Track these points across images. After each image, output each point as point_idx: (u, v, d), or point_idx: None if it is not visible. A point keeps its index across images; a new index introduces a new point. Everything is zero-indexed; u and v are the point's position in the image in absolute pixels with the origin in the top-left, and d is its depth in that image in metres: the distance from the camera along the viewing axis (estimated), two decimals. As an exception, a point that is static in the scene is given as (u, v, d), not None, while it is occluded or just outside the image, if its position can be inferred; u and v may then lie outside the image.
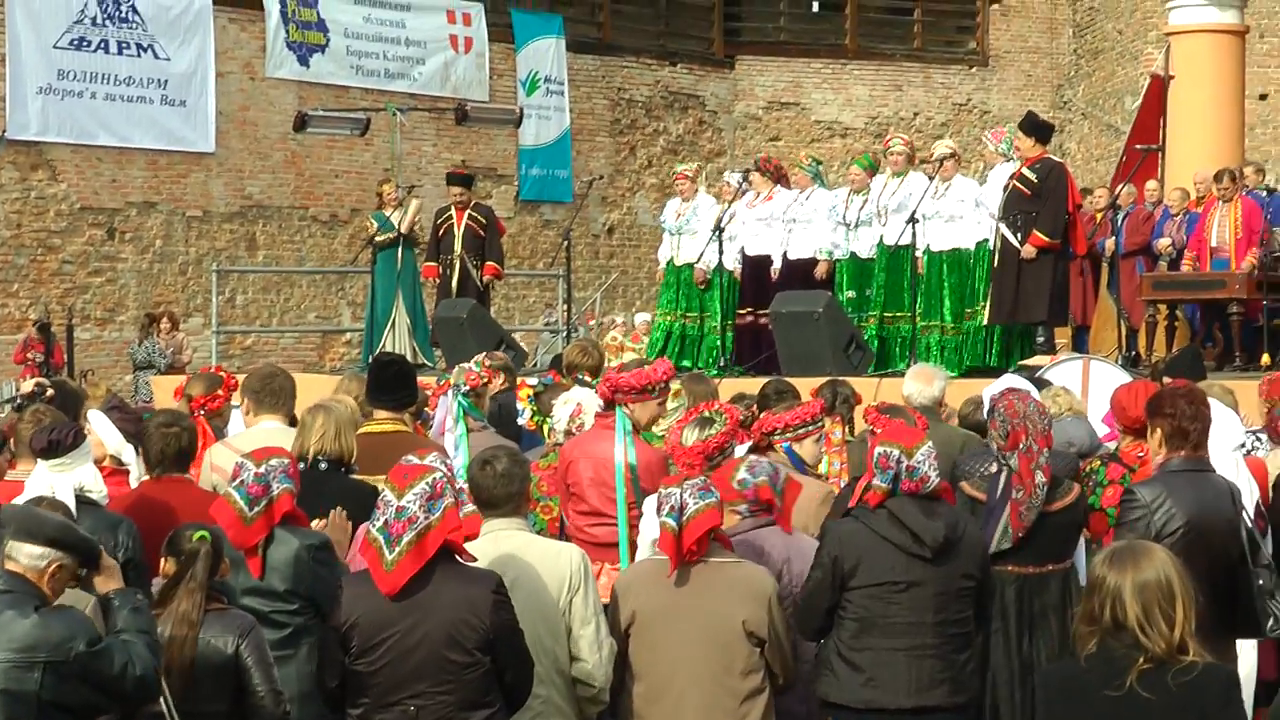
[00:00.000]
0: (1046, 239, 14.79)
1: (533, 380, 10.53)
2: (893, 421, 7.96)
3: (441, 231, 18.38)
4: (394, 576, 5.79)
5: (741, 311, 16.93)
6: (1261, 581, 6.99)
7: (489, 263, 18.44)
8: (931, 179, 15.74)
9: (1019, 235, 14.84)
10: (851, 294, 16.28)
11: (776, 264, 16.69)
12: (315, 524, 6.90)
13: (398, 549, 5.79)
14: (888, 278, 15.91)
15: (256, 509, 6.40)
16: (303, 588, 6.43)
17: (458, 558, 5.91)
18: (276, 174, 25.62)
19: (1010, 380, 8.99)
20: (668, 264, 17.52)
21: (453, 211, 18.38)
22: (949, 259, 15.65)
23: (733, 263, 16.87)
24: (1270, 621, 7.00)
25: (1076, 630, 5.03)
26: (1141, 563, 4.94)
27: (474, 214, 18.46)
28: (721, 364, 16.46)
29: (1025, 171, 14.95)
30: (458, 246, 18.20)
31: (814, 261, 16.55)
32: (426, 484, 5.85)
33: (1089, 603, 4.99)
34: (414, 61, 27.08)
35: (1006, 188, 15.00)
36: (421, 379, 10.26)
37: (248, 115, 25.22)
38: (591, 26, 30.41)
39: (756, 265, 16.81)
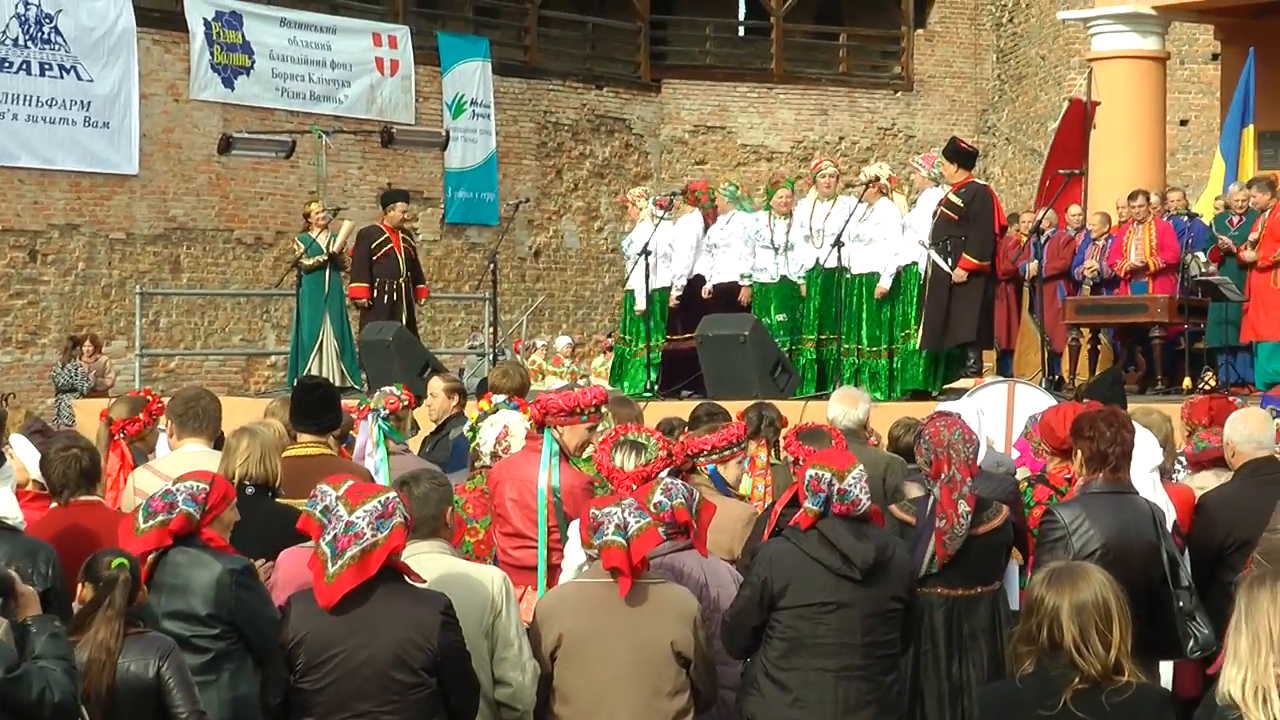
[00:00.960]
0: (976, 261, 14.98)
1: (499, 399, 10.51)
2: (804, 448, 8.01)
3: (381, 254, 18.18)
4: (332, 590, 5.79)
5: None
6: (1182, 603, 7.04)
7: (420, 285, 18.44)
8: (860, 202, 15.86)
9: (949, 260, 14.98)
10: (782, 317, 16.38)
11: (708, 287, 16.80)
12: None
13: (340, 563, 5.80)
14: (823, 300, 16.00)
15: (151, 522, 6.36)
16: (224, 612, 6.38)
17: (406, 579, 5.91)
18: (201, 196, 25.49)
19: (949, 404, 9.06)
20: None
21: (387, 234, 18.23)
22: (867, 282, 15.77)
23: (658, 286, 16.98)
24: (1191, 642, 7.05)
25: (1014, 650, 5.07)
26: (1080, 584, 4.98)
27: (406, 237, 18.46)
28: (647, 386, 16.49)
29: (951, 197, 15.12)
30: (403, 269, 18.14)
31: (737, 285, 16.65)
32: (379, 503, 5.87)
33: (1026, 623, 5.03)
34: (339, 84, 27.02)
35: (935, 213, 15.16)
36: (347, 402, 10.24)
37: (172, 137, 25.09)
38: (518, 50, 30.43)
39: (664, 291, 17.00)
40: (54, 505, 7.43)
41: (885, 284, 15.64)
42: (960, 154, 15.54)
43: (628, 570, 6.34)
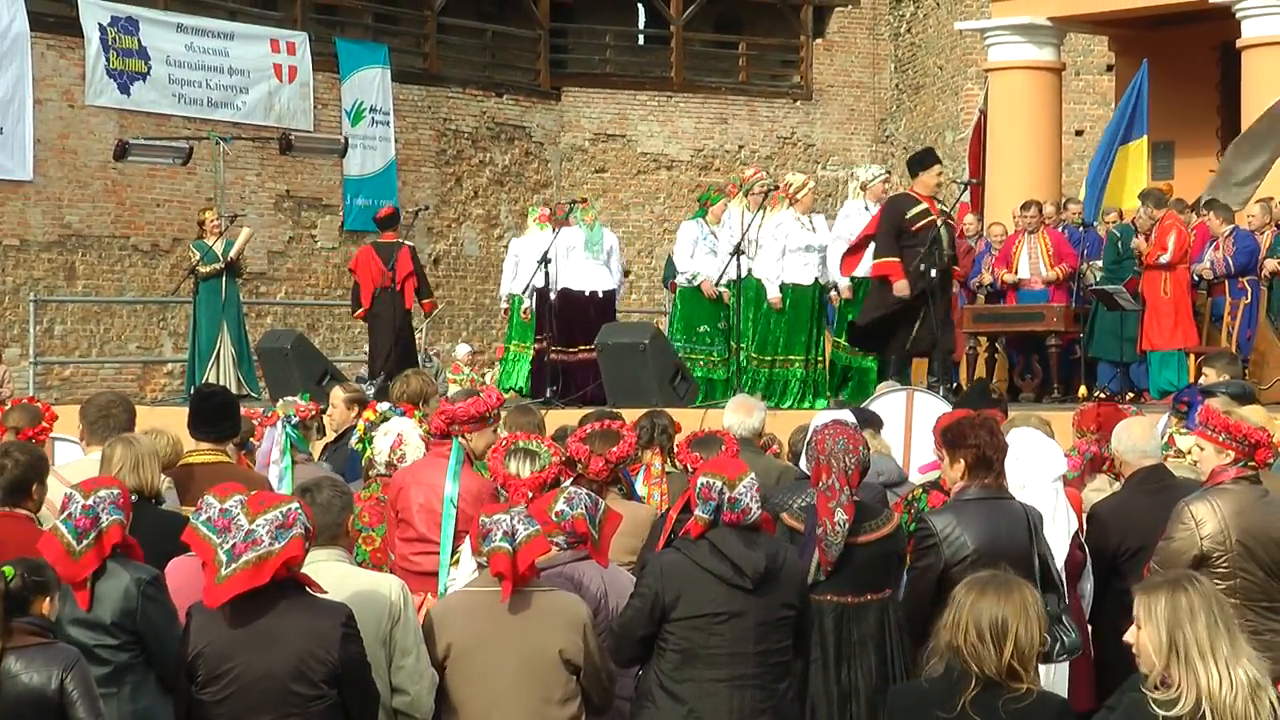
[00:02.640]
0: (962, 272, 15.44)
1: (383, 406, 10.53)
2: (694, 456, 8.06)
3: None
4: (221, 590, 5.77)
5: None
6: (1048, 606, 7.10)
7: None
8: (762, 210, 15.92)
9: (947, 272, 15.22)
10: (705, 327, 16.46)
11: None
12: None
13: (233, 566, 5.77)
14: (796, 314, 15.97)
15: (85, 542, 6.31)
16: (130, 622, 6.34)
17: (308, 590, 5.89)
18: (96, 203, 25.24)
19: (837, 413, 9.10)
20: None
21: None
22: (813, 291, 15.91)
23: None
24: (1057, 645, 7.11)
25: (929, 652, 5.14)
26: (987, 590, 5.09)
27: None
28: (548, 394, 16.50)
29: (942, 209, 15.13)
30: None
31: (568, 293, 16.87)
32: (280, 513, 5.86)
33: (939, 627, 5.14)
34: (237, 90, 26.82)
35: (930, 225, 14.92)
36: (249, 409, 10.21)
37: (67, 143, 24.82)
38: (417, 57, 30.35)
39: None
40: None
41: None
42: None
43: (511, 576, 6.35)
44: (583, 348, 16.75)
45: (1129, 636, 5.08)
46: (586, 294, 17.14)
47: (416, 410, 10.53)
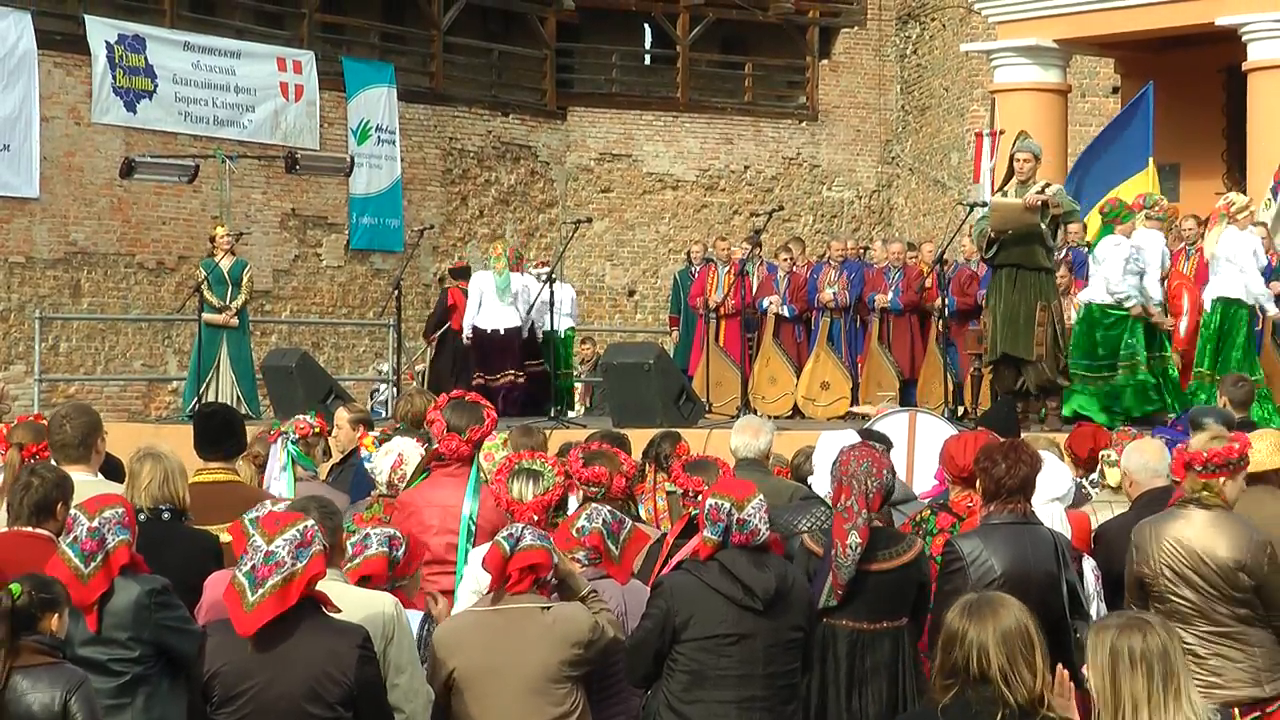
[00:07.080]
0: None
1: (376, 431, 10.53)
2: (692, 480, 8.04)
3: None
4: (252, 618, 5.74)
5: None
6: (1079, 634, 7.08)
7: None
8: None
9: None
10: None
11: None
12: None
13: (261, 591, 5.74)
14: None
15: (93, 565, 6.26)
16: (145, 633, 6.32)
17: (324, 610, 5.87)
18: (102, 220, 25.25)
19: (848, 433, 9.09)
20: None
21: None
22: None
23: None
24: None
25: (934, 682, 5.03)
26: (1000, 612, 4.97)
27: None
28: (553, 414, 16.56)
29: None
30: None
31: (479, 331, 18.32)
32: (297, 531, 5.83)
33: (948, 656, 4.97)
34: (244, 109, 26.85)
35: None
36: (257, 426, 10.21)
37: (73, 161, 24.84)
38: (423, 76, 30.37)
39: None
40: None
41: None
42: None
43: (498, 572, 6.37)
44: (479, 375, 18.62)
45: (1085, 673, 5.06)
46: (489, 330, 18.59)
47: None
